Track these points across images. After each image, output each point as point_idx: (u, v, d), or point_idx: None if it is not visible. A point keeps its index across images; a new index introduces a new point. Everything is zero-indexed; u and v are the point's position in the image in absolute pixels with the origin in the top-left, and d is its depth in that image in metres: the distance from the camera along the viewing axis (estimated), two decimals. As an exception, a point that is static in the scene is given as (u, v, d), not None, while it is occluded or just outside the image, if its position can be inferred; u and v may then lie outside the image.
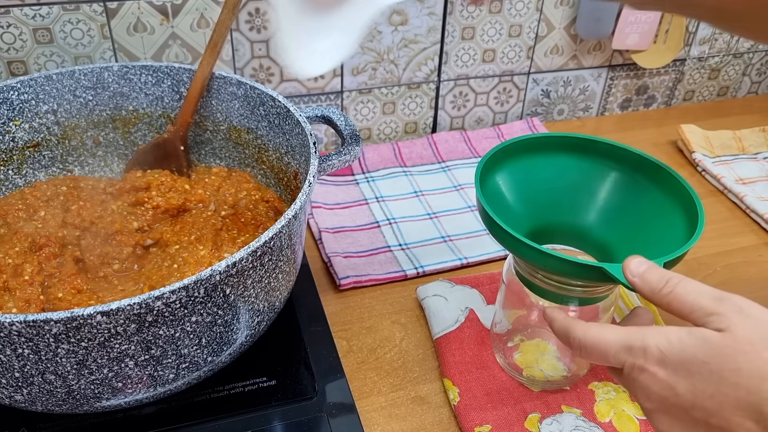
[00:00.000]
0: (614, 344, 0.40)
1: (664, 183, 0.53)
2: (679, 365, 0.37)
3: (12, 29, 0.72)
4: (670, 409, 0.38)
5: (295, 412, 0.56)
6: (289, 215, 0.49)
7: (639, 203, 0.55)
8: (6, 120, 0.65)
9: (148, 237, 0.61)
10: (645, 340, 0.38)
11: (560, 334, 0.44)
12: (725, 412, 0.35)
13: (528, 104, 1.00)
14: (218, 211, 0.64)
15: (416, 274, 0.72)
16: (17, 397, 0.47)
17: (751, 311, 0.37)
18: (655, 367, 0.38)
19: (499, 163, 0.56)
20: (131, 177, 0.67)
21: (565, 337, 0.43)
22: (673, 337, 0.38)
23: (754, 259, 0.77)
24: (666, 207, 0.53)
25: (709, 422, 0.36)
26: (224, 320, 0.49)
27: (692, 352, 0.36)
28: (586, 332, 0.41)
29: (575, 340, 0.42)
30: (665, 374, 0.37)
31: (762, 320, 0.36)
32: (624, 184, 0.56)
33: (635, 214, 0.55)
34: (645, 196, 0.55)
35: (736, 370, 0.35)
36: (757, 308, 0.37)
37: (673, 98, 1.09)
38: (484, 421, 0.56)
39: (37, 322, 0.40)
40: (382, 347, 0.64)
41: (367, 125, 0.94)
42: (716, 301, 0.38)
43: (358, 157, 0.62)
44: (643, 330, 0.39)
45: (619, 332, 0.40)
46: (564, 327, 0.44)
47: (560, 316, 0.45)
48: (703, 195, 0.87)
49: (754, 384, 0.34)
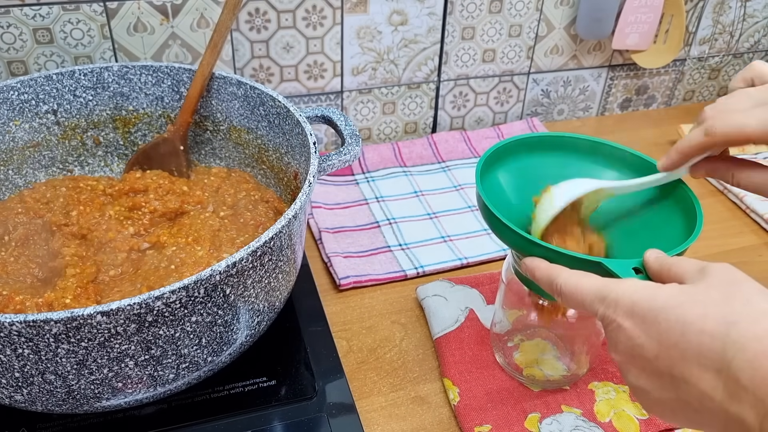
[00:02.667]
0: (589, 293, 0.41)
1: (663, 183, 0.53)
2: (648, 313, 0.37)
3: (12, 29, 0.72)
4: (636, 360, 0.38)
5: (295, 412, 0.56)
6: (289, 215, 0.49)
7: (638, 203, 0.55)
8: (6, 120, 0.65)
9: (144, 240, 0.60)
10: (617, 291, 0.39)
11: (543, 281, 0.45)
12: (688, 361, 0.35)
13: (528, 104, 1.00)
14: (217, 212, 0.63)
15: (416, 274, 0.72)
16: (17, 397, 0.47)
17: (729, 270, 0.38)
18: (622, 318, 0.38)
19: (499, 161, 0.56)
20: (130, 178, 0.67)
21: (547, 284, 0.45)
22: (646, 288, 0.38)
23: (754, 259, 0.77)
24: (665, 206, 0.53)
25: (672, 373, 0.36)
26: (224, 320, 0.49)
27: (663, 300, 0.37)
28: (568, 279, 0.43)
29: (557, 286, 0.44)
30: (632, 324, 0.38)
31: (735, 278, 0.37)
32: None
33: (634, 213, 0.55)
34: (644, 195, 0.55)
35: (702, 315, 0.35)
36: (736, 271, 0.38)
37: (673, 98, 1.09)
38: (484, 420, 0.56)
39: (37, 322, 0.40)
40: (382, 347, 0.64)
41: (367, 125, 0.94)
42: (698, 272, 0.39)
43: (358, 157, 0.62)
44: (618, 282, 0.40)
45: (595, 282, 0.41)
46: (547, 274, 0.45)
47: (543, 264, 0.46)
48: (703, 195, 0.87)
49: (719, 329, 0.34)
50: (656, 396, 0.38)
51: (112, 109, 0.70)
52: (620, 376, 0.60)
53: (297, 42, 0.83)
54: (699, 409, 0.35)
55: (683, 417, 0.37)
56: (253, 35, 0.81)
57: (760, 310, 0.34)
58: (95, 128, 0.70)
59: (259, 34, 0.82)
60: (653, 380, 0.37)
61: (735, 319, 0.34)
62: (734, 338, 0.33)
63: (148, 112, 0.71)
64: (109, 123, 0.70)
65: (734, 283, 0.37)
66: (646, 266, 0.43)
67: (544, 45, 0.95)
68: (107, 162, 0.72)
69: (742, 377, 0.32)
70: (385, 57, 0.88)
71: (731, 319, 0.34)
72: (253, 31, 0.81)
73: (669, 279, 0.41)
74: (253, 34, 0.81)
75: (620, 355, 0.39)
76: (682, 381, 0.35)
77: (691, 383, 0.35)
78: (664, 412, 0.38)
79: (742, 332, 0.33)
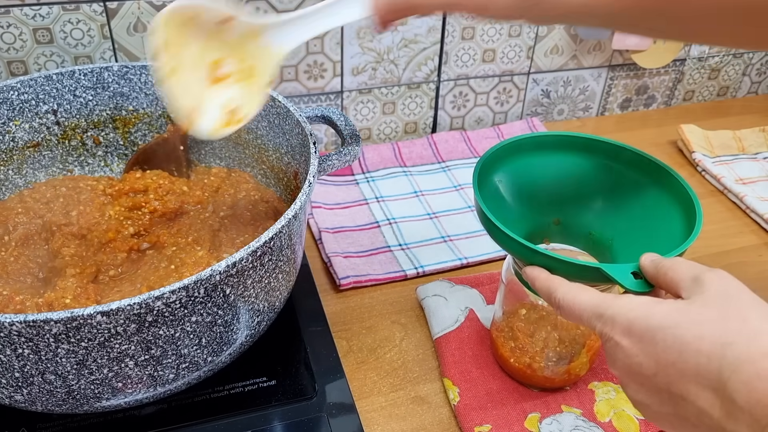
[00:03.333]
0: (587, 309, 0.41)
1: (663, 182, 0.53)
2: (645, 332, 0.37)
3: (12, 29, 0.72)
4: (635, 376, 0.38)
5: (295, 412, 0.56)
6: (289, 215, 0.49)
7: (638, 203, 0.55)
8: (6, 120, 0.65)
9: (144, 241, 0.60)
10: (613, 309, 0.39)
11: (542, 292, 0.45)
12: (685, 380, 0.35)
13: (528, 104, 1.00)
14: (216, 212, 0.63)
15: (416, 274, 0.72)
16: (17, 397, 0.47)
17: (724, 282, 0.38)
18: (620, 337, 0.38)
19: (498, 162, 0.56)
20: (130, 178, 0.66)
21: (546, 296, 0.45)
22: (641, 306, 0.38)
23: (754, 259, 0.77)
24: (665, 206, 0.53)
25: (671, 390, 0.36)
26: (224, 320, 0.49)
27: (659, 319, 0.37)
28: (566, 294, 0.43)
29: (555, 299, 0.44)
30: (629, 343, 0.38)
31: (730, 292, 0.37)
32: (623, 183, 0.56)
33: (634, 213, 0.55)
34: (644, 195, 0.55)
35: (699, 337, 0.35)
36: (731, 281, 0.38)
37: (673, 98, 1.09)
38: (484, 420, 0.56)
39: (37, 322, 0.40)
40: (382, 347, 0.64)
41: (367, 125, 0.94)
42: (693, 281, 0.39)
43: (358, 157, 0.62)
44: (615, 299, 0.40)
45: (593, 298, 0.41)
46: (546, 286, 0.45)
47: (542, 275, 0.46)
48: (703, 195, 0.87)
49: (715, 350, 0.34)
50: (656, 410, 0.38)
51: (112, 109, 0.70)
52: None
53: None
54: (698, 425, 0.36)
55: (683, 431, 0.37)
56: (253, 35, 0.81)
57: (755, 330, 0.34)
58: (95, 128, 0.70)
59: (259, 34, 0.81)
60: (652, 395, 0.38)
61: (730, 340, 0.34)
62: (730, 360, 0.34)
63: (148, 112, 0.71)
64: (109, 123, 0.70)
65: (730, 298, 0.37)
66: (642, 270, 0.43)
67: (544, 45, 0.95)
68: (107, 162, 0.72)
69: (738, 398, 0.33)
70: (385, 57, 0.88)
71: (727, 340, 0.34)
72: (253, 31, 0.81)
73: (665, 283, 0.41)
74: (253, 34, 0.81)
75: (619, 370, 0.39)
76: (680, 398, 0.36)
77: (689, 400, 0.35)
78: (664, 425, 0.39)
79: (737, 354, 0.33)
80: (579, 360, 0.57)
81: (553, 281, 0.45)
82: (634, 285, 0.43)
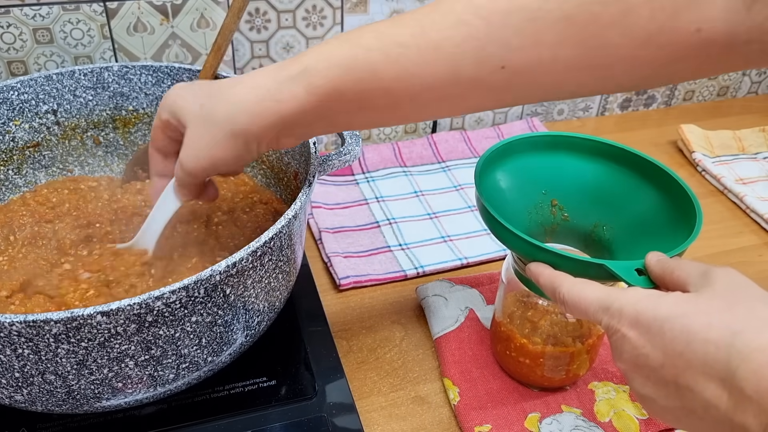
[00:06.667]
0: (593, 303, 0.41)
1: (663, 182, 0.53)
2: (653, 323, 0.37)
3: (12, 29, 0.72)
4: (641, 369, 0.38)
5: (295, 412, 0.56)
6: (289, 215, 0.49)
7: (637, 203, 0.55)
8: (6, 120, 0.65)
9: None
10: (620, 301, 0.39)
11: (547, 288, 0.45)
12: (693, 370, 0.35)
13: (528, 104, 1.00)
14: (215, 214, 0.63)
15: (416, 274, 0.72)
16: (17, 397, 0.47)
17: (732, 277, 0.38)
18: (627, 328, 0.38)
19: (498, 161, 0.56)
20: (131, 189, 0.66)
21: (551, 292, 0.45)
22: (649, 297, 0.38)
23: (754, 259, 0.77)
24: (664, 206, 0.53)
25: (678, 382, 0.36)
26: (224, 320, 0.49)
27: (667, 309, 0.37)
28: (571, 288, 0.43)
29: (560, 294, 0.44)
30: (636, 335, 0.38)
31: (738, 285, 0.37)
32: (623, 183, 0.56)
33: (634, 213, 0.55)
34: (643, 195, 0.55)
35: (706, 325, 0.35)
36: (739, 276, 0.38)
37: (673, 98, 1.09)
38: (484, 420, 0.56)
39: (37, 322, 0.40)
40: (382, 347, 0.64)
41: (367, 125, 0.94)
42: (701, 276, 0.39)
43: (358, 157, 0.62)
44: (622, 292, 0.40)
45: (599, 292, 0.41)
46: (550, 281, 0.45)
47: (547, 271, 0.46)
48: (703, 195, 0.87)
49: (723, 338, 0.34)
50: (662, 404, 0.38)
51: (112, 109, 0.70)
52: (620, 375, 0.60)
53: (297, 42, 0.83)
54: (704, 417, 0.35)
55: (688, 424, 0.37)
56: (254, 35, 0.81)
57: (764, 319, 0.34)
58: (95, 128, 0.70)
59: (260, 34, 0.82)
60: (659, 388, 0.37)
61: (739, 329, 0.34)
62: (738, 348, 0.33)
63: (148, 112, 0.71)
64: (109, 123, 0.70)
65: (738, 289, 0.37)
66: (648, 269, 0.43)
67: (544, 45, 0.95)
68: (107, 162, 0.72)
69: (747, 387, 0.32)
70: (385, 57, 0.88)
71: (735, 329, 0.34)
72: (253, 31, 0.81)
73: (671, 282, 0.41)
74: (253, 34, 0.81)
75: (625, 364, 0.39)
76: (687, 390, 0.36)
77: (696, 392, 0.35)
78: (669, 419, 0.38)
79: (747, 342, 0.33)
80: (579, 360, 0.57)
81: (558, 277, 0.45)
82: (638, 281, 0.43)
